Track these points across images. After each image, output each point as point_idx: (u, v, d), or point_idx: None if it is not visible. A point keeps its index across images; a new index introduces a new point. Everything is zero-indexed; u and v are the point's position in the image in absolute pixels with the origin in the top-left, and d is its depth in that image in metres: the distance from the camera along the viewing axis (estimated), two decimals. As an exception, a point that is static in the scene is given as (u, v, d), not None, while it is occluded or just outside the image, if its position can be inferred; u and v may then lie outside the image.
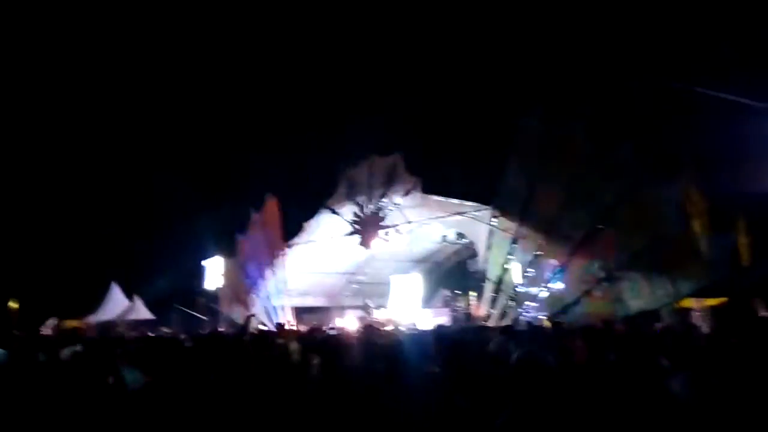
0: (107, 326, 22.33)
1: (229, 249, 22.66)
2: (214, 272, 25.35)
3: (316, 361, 3.62)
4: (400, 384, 3.57)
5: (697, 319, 11.40)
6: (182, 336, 10.42)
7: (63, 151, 28.48)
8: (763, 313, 8.95)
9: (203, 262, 26.98)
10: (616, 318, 11.03)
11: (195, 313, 24.10)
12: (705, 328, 8.83)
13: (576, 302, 11.98)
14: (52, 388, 3.31)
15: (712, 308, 11.70)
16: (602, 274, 11.81)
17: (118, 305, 26.25)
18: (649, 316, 10.75)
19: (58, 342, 6.69)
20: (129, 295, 26.65)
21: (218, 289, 23.81)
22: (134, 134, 30.25)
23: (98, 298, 26.53)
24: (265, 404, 3.19)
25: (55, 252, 27.98)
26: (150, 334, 14.05)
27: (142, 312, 25.92)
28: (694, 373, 2.74)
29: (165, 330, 19.27)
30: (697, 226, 12.54)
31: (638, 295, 11.16)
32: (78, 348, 5.20)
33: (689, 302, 11.67)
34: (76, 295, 26.03)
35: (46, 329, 18.06)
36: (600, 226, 11.93)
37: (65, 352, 5.14)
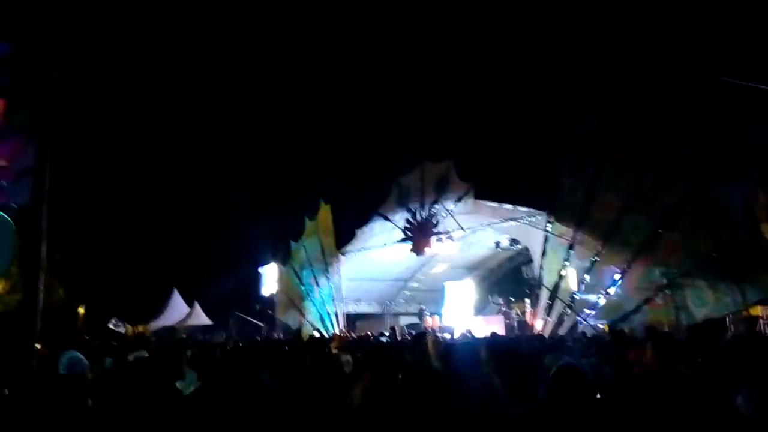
0: (168, 331, 23.11)
1: (284, 256, 23.09)
2: (271, 279, 25.87)
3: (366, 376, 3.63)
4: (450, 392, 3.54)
5: (764, 327, 10.85)
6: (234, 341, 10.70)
7: (128, 159, 29.74)
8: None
9: (260, 269, 27.58)
10: (680, 326, 10.65)
11: (252, 319, 24.65)
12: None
13: (636, 310, 11.58)
14: (119, 392, 3.45)
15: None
16: (664, 281, 11.38)
17: (178, 311, 27.17)
18: (714, 324, 10.29)
19: (125, 347, 7.00)
20: (189, 302, 27.53)
21: (274, 295, 24.26)
22: (196, 144, 31.30)
23: (160, 304, 27.52)
24: (314, 414, 3.23)
25: (120, 258, 29.19)
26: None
27: (201, 318, 26.73)
28: (760, 388, 2.60)
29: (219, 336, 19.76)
30: (766, 230, 11.94)
31: (703, 302, 10.70)
32: (143, 353, 5.42)
33: (757, 310, 11.11)
34: (140, 300, 27.10)
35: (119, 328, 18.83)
36: (661, 231, 11.51)
37: (131, 357, 5.37)
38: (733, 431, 2.45)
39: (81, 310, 25.47)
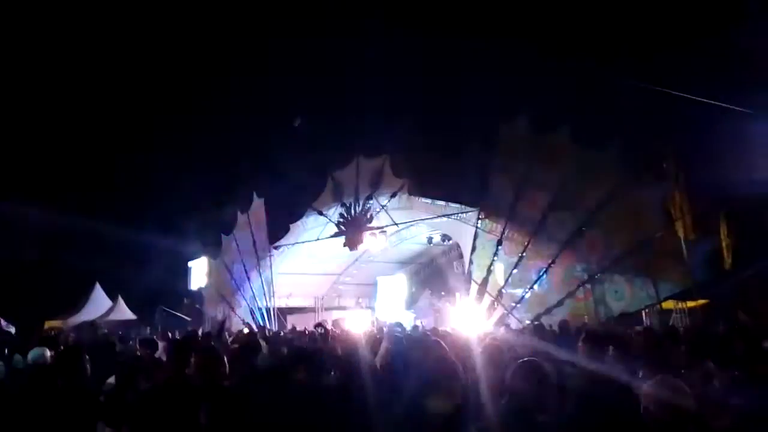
0: (88, 327, 22.10)
1: (214, 249, 22.56)
2: (200, 272, 25.23)
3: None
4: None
5: (676, 321, 11.50)
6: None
7: (55, 144, 28.24)
8: (742, 317, 9.02)
9: (189, 263, 26.83)
10: (599, 319, 11.15)
11: (179, 314, 23.93)
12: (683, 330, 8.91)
13: (559, 304, 12.04)
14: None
15: (692, 310, 11.82)
16: (585, 276, 11.89)
17: (100, 306, 26.06)
18: (630, 318, 10.83)
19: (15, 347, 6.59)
20: (112, 296, 26.46)
21: (203, 289, 23.68)
22: (121, 135, 30.03)
23: (80, 298, 26.32)
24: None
25: (39, 252, 27.73)
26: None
27: (124, 312, 25.75)
28: (663, 377, 2.74)
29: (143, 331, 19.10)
30: (679, 228, 12.67)
31: (620, 296, 11.25)
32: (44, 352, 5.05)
33: (670, 304, 11.76)
34: (60, 295, 25.82)
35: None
36: (584, 228, 12.00)
37: (32, 355, 5.01)
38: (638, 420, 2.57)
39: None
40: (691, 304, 12.14)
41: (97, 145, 29.39)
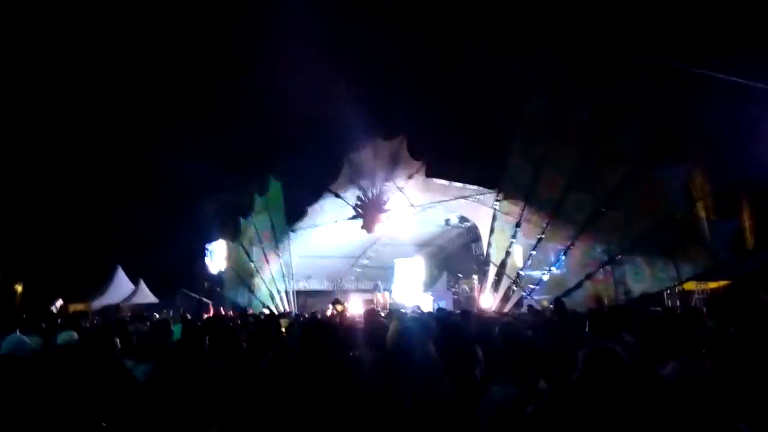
0: (110, 310, 22.50)
1: (233, 232, 22.74)
2: (219, 256, 25.46)
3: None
4: (398, 363, 3.57)
5: (698, 302, 11.40)
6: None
7: (72, 134, 28.52)
8: (765, 298, 8.90)
9: (208, 246, 27.09)
10: (618, 301, 11.08)
11: (199, 297, 24.24)
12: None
13: (578, 285, 11.98)
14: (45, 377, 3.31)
15: (713, 291, 11.70)
16: (605, 258, 11.79)
17: (122, 289, 26.48)
18: (650, 299, 10.75)
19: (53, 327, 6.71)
20: (134, 279, 26.86)
21: (222, 272, 23.92)
22: (141, 119, 30.22)
23: (103, 281, 26.76)
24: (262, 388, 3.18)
25: (61, 235, 28.14)
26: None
27: (146, 295, 26.15)
28: (687, 359, 2.72)
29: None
30: (701, 209, 12.49)
31: (641, 278, 11.16)
32: (73, 335, 5.16)
33: (691, 285, 11.65)
34: (82, 278, 26.26)
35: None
36: (603, 209, 11.88)
37: (62, 337, 5.11)
38: (657, 398, 2.56)
39: (18, 288, 24.55)
40: (712, 285, 12.03)
41: (117, 129, 29.68)
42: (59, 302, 19.14)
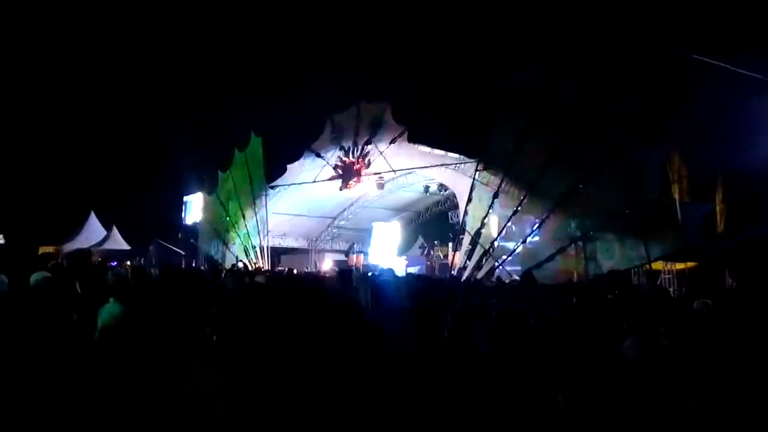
0: (80, 254, 22.27)
1: (211, 185, 22.52)
2: (196, 208, 25.28)
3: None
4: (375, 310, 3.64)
5: (665, 281, 11.67)
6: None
7: (51, 84, 27.75)
8: (729, 280, 9.14)
9: (185, 197, 26.85)
10: (587, 276, 11.29)
11: (173, 247, 24.12)
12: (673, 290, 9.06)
13: (550, 259, 12.14)
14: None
15: (680, 272, 11.97)
16: (577, 233, 11.95)
17: (94, 234, 26.21)
18: (618, 275, 10.96)
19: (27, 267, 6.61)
20: (107, 225, 26.59)
21: (198, 224, 23.79)
22: (122, 70, 29.43)
23: (75, 225, 26.45)
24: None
25: (37, 178, 27.66)
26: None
27: (118, 242, 25.93)
28: (648, 336, 2.80)
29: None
30: (675, 191, 12.67)
31: (611, 255, 11.35)
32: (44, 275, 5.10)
33: (659, 265, 11.88)
34: (56, 221, 25.92)
35: None
36: (580, 186, 11.98)
37: (34, 277, 5.04)
38: (619, 374, 2.64)
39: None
40: (680, 266, 12.29)
41: (100, 80, 28.90)
42: None
